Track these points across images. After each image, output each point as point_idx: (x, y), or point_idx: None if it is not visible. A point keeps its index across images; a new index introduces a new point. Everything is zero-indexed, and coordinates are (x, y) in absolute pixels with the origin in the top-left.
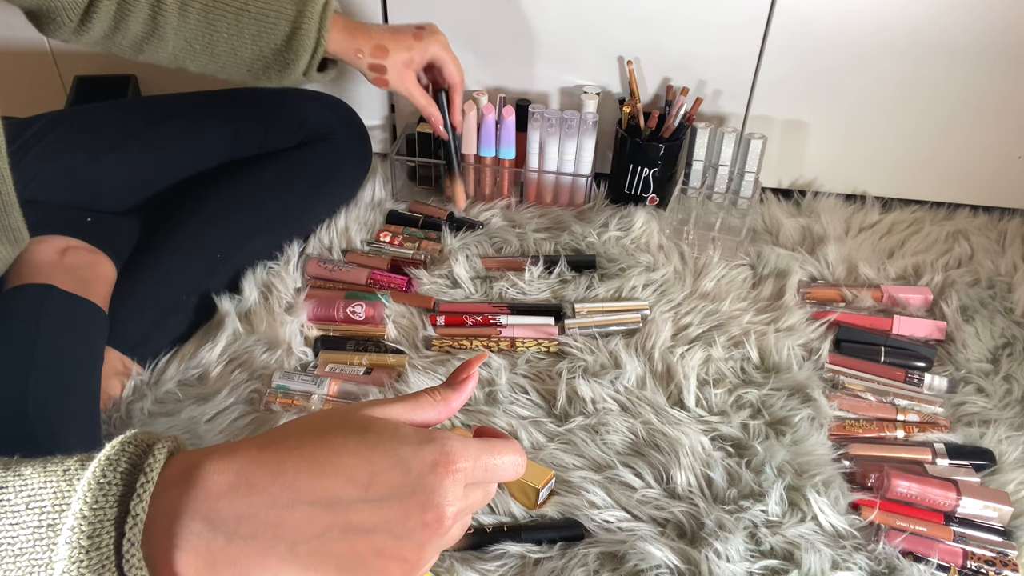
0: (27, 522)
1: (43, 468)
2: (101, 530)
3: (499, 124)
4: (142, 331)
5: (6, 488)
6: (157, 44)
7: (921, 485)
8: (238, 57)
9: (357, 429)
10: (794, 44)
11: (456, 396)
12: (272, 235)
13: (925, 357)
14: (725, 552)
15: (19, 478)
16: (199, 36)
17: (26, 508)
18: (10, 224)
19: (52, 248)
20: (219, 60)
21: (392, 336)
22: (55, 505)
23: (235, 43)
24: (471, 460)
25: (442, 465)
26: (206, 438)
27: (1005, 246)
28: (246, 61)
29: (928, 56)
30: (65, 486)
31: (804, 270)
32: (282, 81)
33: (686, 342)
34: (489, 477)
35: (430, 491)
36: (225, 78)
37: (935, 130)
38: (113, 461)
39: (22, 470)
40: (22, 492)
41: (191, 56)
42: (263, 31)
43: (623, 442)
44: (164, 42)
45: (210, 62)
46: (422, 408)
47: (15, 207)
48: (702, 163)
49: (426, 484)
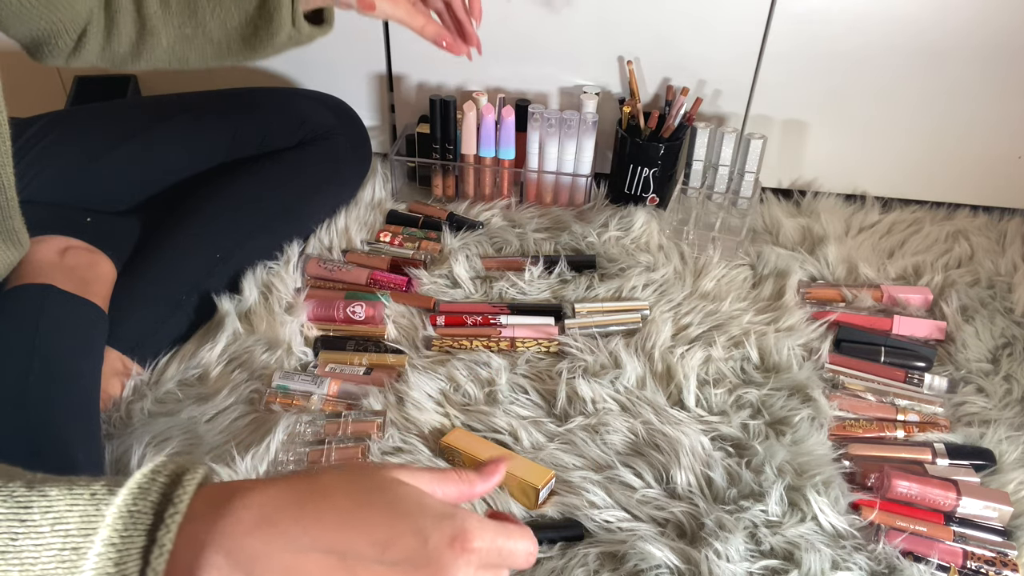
0: (51, 544)
1: (69, 490)
2: (128, 558)
3: (499, 124)
4: (142, 331)
5: (31, 508)
6: (151, 41)
7: (921, 485)
8: (229, 27)
9: (386, 489)
10: (794, 44)
11: (481, 482)
12: (272, 235)
13: (925, 357)
14: (725, 552)
15: (45, 498)
16: (186, 18)
17: (51, 530)
18: (14, 228)
19: (52, 248)
20: (213, 37)
21: (392, 336)
22: (81, 529)
23: (221, 13)
24: (487, 542)
25: (459, 542)
26: (206, 438)
27: (1005, 246)
28: (238, 28)
29: (928, 56)
30: (92, 510)
31: (804, 270)
32: (274, 39)
33: (686, 342)
34: (501, 562)
35: (443, 567)
36: (229, 61)
37: (935, 130)
38: (144, 490)
39: (47, 490)
40: (48, 513)
41: (187, 43)
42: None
43: (623, 442)
44: (157, 36)
45: (207, 44)
46: (447, 482)
47: (17, 211)
48: (702, 163)
49: (441, 559)
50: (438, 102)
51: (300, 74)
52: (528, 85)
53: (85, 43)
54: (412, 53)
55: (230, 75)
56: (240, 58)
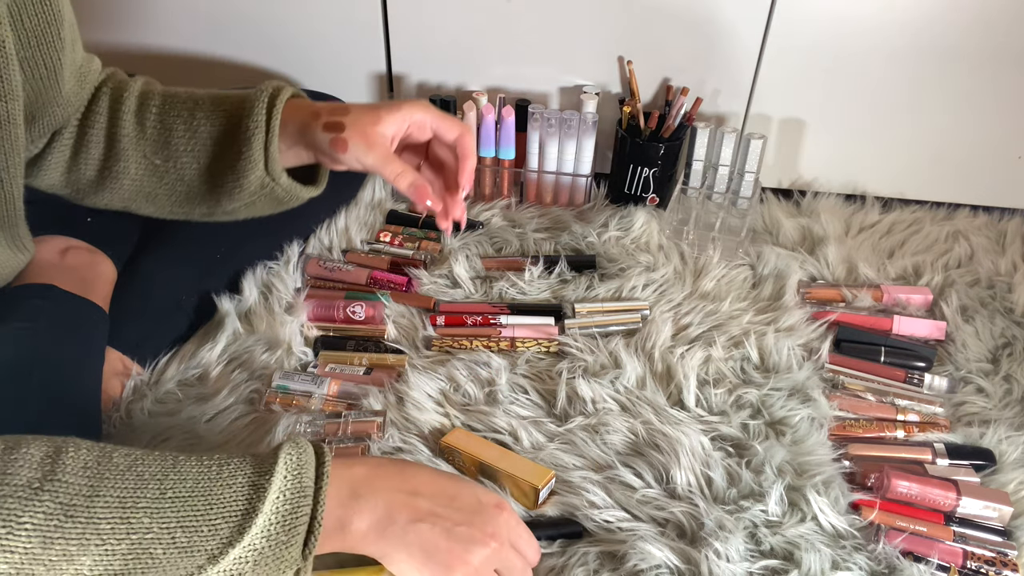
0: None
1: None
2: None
3: (499, 124)
4: (142, 331)
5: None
6: (118, 168)
7: (921, 485)
8: (201, 163)
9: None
10: (794, 44)
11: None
12: (272, 235)
13: (925, 357)
14: (725, 552)
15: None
16: (159, 147)
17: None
18: (19, 235)
19: (52, 248)
20: (184, 173)
21: (392, 336)
22: (257, 477)
23: (195, 146)
24: (514, 520)
25: (497, 506)
26: (206, 438)
27: (1005, 246)
28: (210, 166)
29: (928, 56)
30: (252, 493)
31: (804, 270)
32: (244, 181)
33: (686, 342)
34: (516, 545)
35: (487, 519)
36: (197, 210)
37: (935, 130)
38: (295, 477)
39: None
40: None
41: (156, 177)
42: (214, 115)
43: (623, 442)
44: (126, 162)
45: (177, 181)
46: None
47: (23, 220)
48: (702, 163)
49: (485, 512)
50: (438, 102)
51: (300, 74)
52: (528, 85)
53: (51, 153)
54: (412, 53)
55: (230, 75)
56: (210, 205)
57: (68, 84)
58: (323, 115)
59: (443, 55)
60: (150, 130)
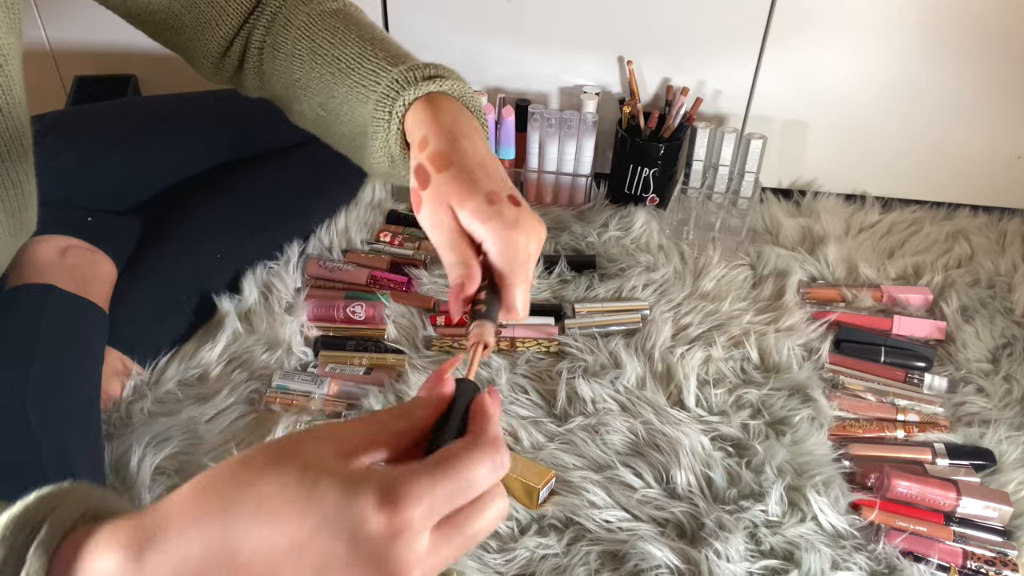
0: None
1: None
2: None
3: (499, 124)
4: (142, 331)
5: None
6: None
7: (921, 485)
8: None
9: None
10: (794, 44)
11: (424, 405)
12: (272, 235)
13: (925, 357)
14: (725, 552)
15: None
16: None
17: None
18: (25, 219)
19: (52, 248)
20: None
21: (392, 336)
22: None
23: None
24: (427, 501)
25: (389, 529)
26: (206, 438)
27: (1005, 246)
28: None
29: (928, 56)
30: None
31: (804, 270)
32: (371, 145)
33: (686, 342)
34: (461, 501)
35: (380, 559)
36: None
37: (935, 130)
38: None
39: None
40: None
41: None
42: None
43: (623, 442)
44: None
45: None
46: (362, 432)
47: (32, 205)
48: (702, 163)
49: (375, 550)
50: None
51: None
52: (528, 85)
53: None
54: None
55: None
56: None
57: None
58: (426, 149)
59: (443, 55)
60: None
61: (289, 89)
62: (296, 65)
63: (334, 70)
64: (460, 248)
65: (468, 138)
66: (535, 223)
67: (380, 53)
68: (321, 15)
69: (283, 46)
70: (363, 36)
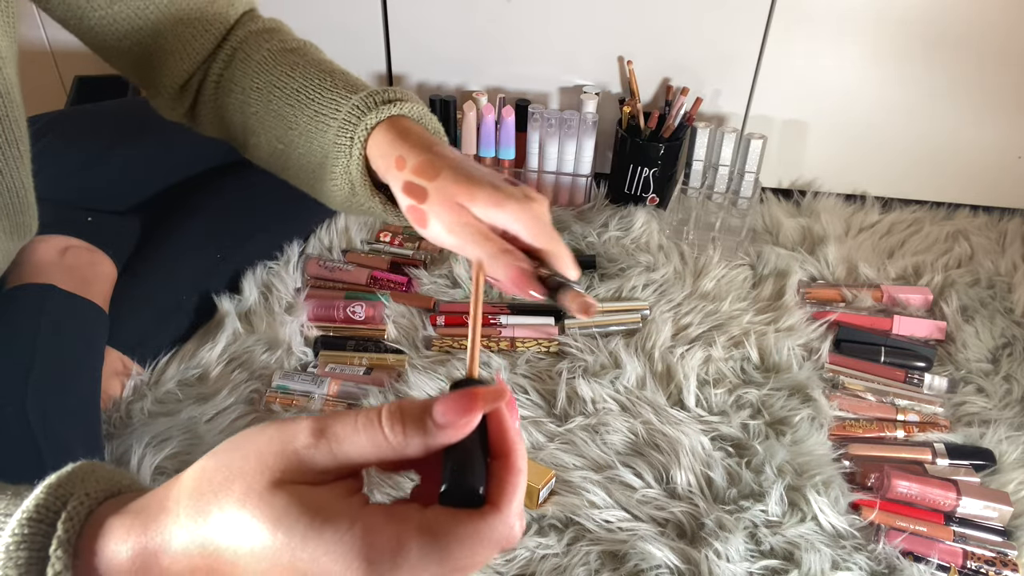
0: None
1: None
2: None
3: (499, 124)
4: (142, 331)
5: None
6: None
7: (921, 485)
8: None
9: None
10: (794, 44)
11: (422, 438)
12: (272, 235)
13: (925, 357)
14: (725, 552)
15: None
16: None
17: None
18: (24, 222)
19: (52, 248)
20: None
21: (392, 336)
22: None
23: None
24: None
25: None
26: (206, 438)
27: (1005, 246)
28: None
29: (928, 56)
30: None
31: (804, 270)
32: (331, 172)
33: (686, 342)
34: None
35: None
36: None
37: (935, 130)
38: (10, 555)
39: None
40: None
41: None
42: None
43: (623, 442)
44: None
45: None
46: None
47: (31, 207)
48: (702, 163)
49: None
50: (438, 102)
51: None
52: (528, 85)
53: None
54: (412, 53)
55: None
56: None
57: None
58: (407, 165)
59: (443, 55)
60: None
61: (246, 122)
62: (254, 97)
63: (293, 101)
64: (493, 238)
65: (440, 146)
66: (537, 193)
67: (339, 83)
68: (281, 51)
69: (241, 79)
70: (322, 69)
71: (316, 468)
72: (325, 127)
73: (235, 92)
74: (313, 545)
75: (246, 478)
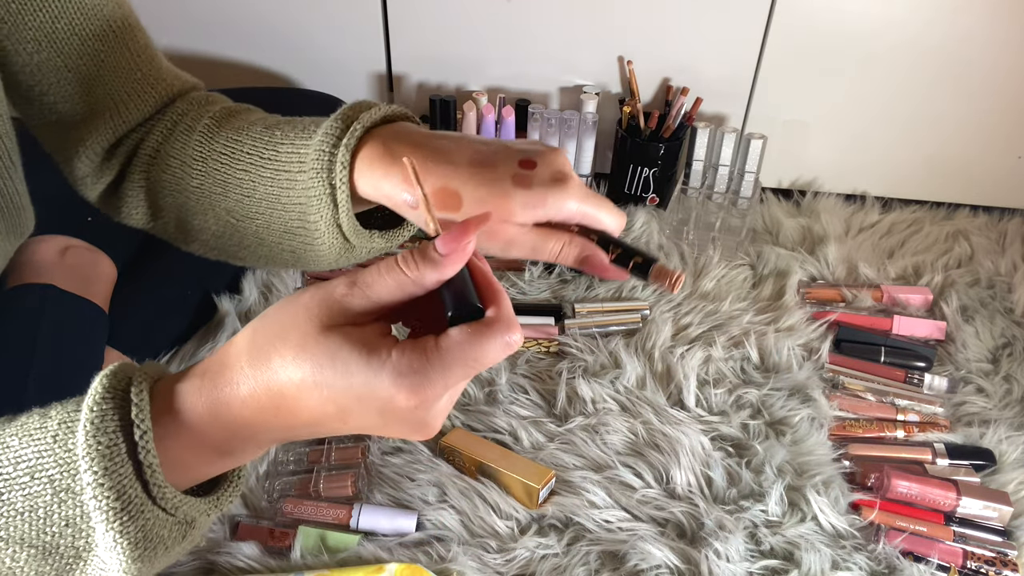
0: (39, 492)
1: (29, 437)
2: (126, 486)
3: (499, 124)
4: (142, 331)
5: (1, 461)
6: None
7: (921, 485)
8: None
9: (308, 372)
10: (794, 44)
11: (433, 270)
12: None
13: (925, 357)
14: (725, 552)
15: (8, 450)
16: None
17: (32, 479)
18: (18, 223)
19: (52, 248)
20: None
21: None
22: (63, 472)
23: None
24: (439, 383)
25: (406, 399)
26: None
27: (1005, 246)
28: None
29: (928, 56)
30: (63, 454)
31: (804, 270)
32: (314, 238)
33: (686, 342)
34: (472, 373)
35: (416, 424)
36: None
37: (935, 130)
38: (98, 427)
39: (7, 441)
40: (20, 464)
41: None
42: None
43: (623, 442)
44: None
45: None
46: (376, 287)
47: (25, 207)
48: (702, 163)
49: (401, 418)
50: (438, 102)
51: (300, 74)
52: (528, 85)
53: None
54: (412, 53)
55: (230, 75)
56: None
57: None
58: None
59: (443, 55)
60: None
61: (186, 203)
62: (197, 169)
63: (246, 165)
64: (553, 235)
65: (434, 139)
66: (556, 156)
67: (290, 133)
68: (224, 115)
69: (181, 152)
70: (268, 124)
71: (355, 311)
72: (291, 183)
73: (172, 167)
74: (364, 371)
75: (299, 327)
